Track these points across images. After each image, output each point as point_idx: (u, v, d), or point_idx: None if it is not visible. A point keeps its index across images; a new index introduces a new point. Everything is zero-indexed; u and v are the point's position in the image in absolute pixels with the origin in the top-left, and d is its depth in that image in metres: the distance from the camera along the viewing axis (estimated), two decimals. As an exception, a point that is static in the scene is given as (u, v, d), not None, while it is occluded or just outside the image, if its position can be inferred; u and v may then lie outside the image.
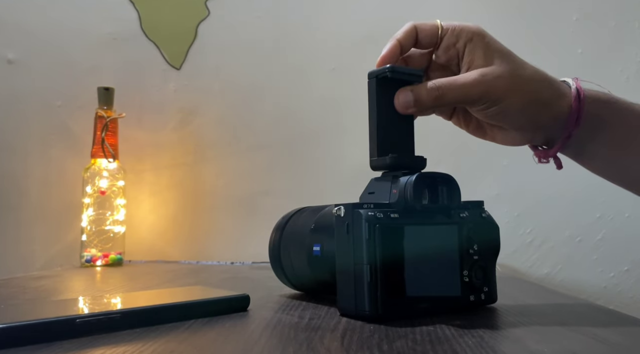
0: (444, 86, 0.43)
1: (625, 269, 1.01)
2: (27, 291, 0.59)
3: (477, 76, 0.44)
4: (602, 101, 0.47)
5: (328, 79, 1.07)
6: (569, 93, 0.46)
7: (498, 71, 0.44)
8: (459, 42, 0.46)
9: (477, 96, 0.44)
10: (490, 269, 0.44)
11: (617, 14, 1.05)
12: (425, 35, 0.47)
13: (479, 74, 0.44)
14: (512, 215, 1.02)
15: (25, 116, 1.07)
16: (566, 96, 0.46)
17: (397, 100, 0.44)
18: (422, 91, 0.43)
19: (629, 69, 1.04)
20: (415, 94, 0.43)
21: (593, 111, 0.46)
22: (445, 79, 0.44)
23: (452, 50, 0.47)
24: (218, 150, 1.07)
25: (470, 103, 0.45)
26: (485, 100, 0.44)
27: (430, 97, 0.43)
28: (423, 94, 0.43)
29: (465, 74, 0.45)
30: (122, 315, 0.36)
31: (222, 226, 1.06)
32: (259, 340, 0.34)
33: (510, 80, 0.44)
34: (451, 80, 0.44)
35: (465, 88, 0.44)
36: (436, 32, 0.47)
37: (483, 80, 0.43)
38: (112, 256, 0.92)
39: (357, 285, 0.38)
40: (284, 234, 0.52)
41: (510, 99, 0.44)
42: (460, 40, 0.46)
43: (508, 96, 0.44)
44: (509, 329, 0.36)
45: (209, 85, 1.08)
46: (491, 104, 0.44)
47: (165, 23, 1.09)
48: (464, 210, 0.43)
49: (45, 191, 1.06)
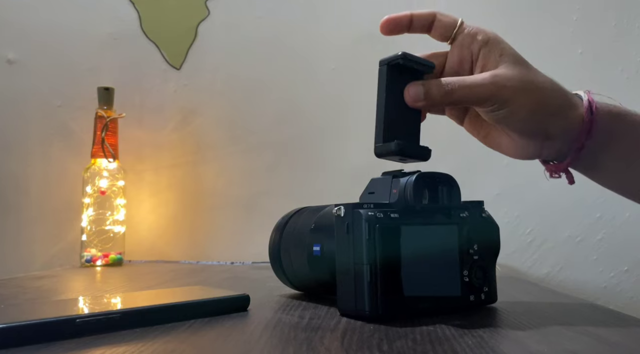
0: (454, 83, 0.44)
1: (625, 269, 1.01)
2: (27, 291, 0.59)
3: (488, 76, 0.44)
4: (614, 113, 0.46)
5: (328, 78, 1.07)
6: (581, 105, 0.46)
7: (510, 74, 0.44)
8: (474, 44, 0.46)
9: (486, 96, 0.43)
10: (490, 269, 0.44)
11: (617, 14, 1.05)
12: (441, 25, 0.47)
13: (490, 74, 0.44)
14: (512, 215, 1.02)
15: (25, 116, 1.07)
16: (578, 107, 0.46)
17: (408, 93, 0.44)
18: (432, 86, 0.43)
19: (629, 69, 1.04)
20: (426, 87, 0.43)
21: (605, 124, 0.45)
22: (457, 78, 0.45)
23: (466, 51, 0.47)
24: (218, 150, 1.07)
25: (479, 103, 0.45)
26: (494, 100, 0.44)
27: (440, 92, 0.43)
28: (434, 88, 0.43)
29: (477, 74, 0.45)
30: (122, 315, 0.36)
31: (222, 226, 1.06)
32: (259, 340, 0.34)
33: (521, 83, 0.44)
34: (462, 78, 0.44)
35: (475, 87, 0.44)
36: (452, 27, 0.47)
37: (494, 81, 0.44)
38: (112, 256, 0.92)
39: (357, 285, 0.38)
40: (284, 234, 0.52)
41: (520, 102, 0.44)
42: (475, 43, 0.46)
43: (517, 98, 0.44)
44: (509, 329, 0.36)
45: (209, 85, 1.08)
46: (500, 105, 0.44)
47: (165, 23, 1.09)
48: (464, 210, 0.43)
49: (45, 191, 1.06)
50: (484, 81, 0.43)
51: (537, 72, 0.46)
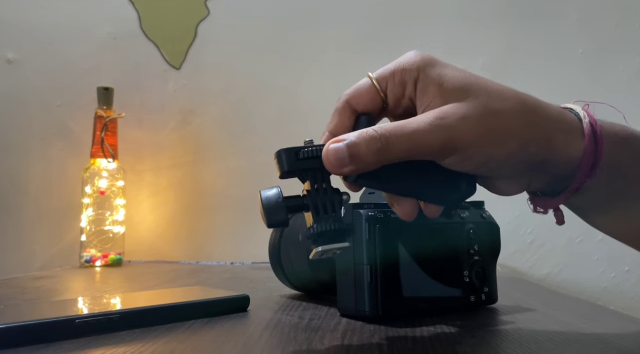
0: (389, 134, 0.31)
1: (626, 269, 1.00)
2: (27, 292, 0.59)
3: (433, 119, 0.32)
4: (621, 137, 0.35)
5: (328, 78, 1.07)
6: (579, 128, 0.34)
7: (462, 110, 0.32)
8: (408, 88, 0.35)
9: (436, 147, 0.32)
10: (491, 270, 0.44)
11: (618, 14, 1.05)
12: (364, 105, 0.36)
13: (435, 116, 0.32)
14: (513, 215, 1.02)
15: (24, 115, 1.07)
16: (574, 131, 0.34)
17: (327, 158, 0.32)
18: (360, 143, 0.32)
19: (630, 69, 1.04)
20: (350, 147, 0.32)
21: (610, 153, 0.34)
22: (392, 125, 0.32)
23: (405, 102, 0.35)
24: (218, 150, 1.07)
25: (431, 155, 0.33)
26: (449, 150, 0.32)
27: (371, 150, 0.31)
28: (362, 147, 0.31)
29: (418, 116, 0.33)
30: (121, 315, 0.36)
31: (222, 226, 1.06)
32: (259, 340, 0.34)
33: (482, 120, 0.32)
34: (399, 125, 0.32)
35: (418, 136, 0.31)
36: (375, 93, 0.35)
37: (441, 125, 0.31)
38: (111, 256, 0.92)
39: (357, 285, 0.38)
40: (284, 234, 0.52)
41: (487, 146, 0.32)
42: (408, 85, 0.34)
43: (482, 142, 0.32)
44: (509, 330, 0.36)
45: (209, 85, 1.08)
46: (461, 155, 0.32)
47: (165, 23, 1.09)
48: (464, 210, 0.43)
49: (45, 191, 1.05)
50: (427, 127, 0.31)
51: (501, 92, 0.33)
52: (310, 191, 0.33)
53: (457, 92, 0.33)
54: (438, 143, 0.32)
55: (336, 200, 0.33)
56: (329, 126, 0.37)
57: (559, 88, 1.00)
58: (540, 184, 0.36)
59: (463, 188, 0.35)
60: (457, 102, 0.32)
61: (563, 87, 1.01)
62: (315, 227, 0.32)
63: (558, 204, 0.37)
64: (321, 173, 0.33)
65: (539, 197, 0.38)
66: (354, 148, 0.32)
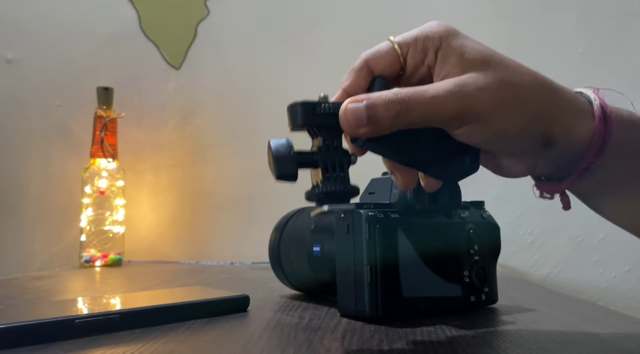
0: (409, 99, 0.31)
1: (627, 269, 1.00)
2: (27, 292, 0.59)
3: (452, 86, 0.32)
4: (627, 121, 0.35)
5: (329, 78, 1.07)
6: (589, 110, 0.34)
7: (481, 81, 0.32)
8: (429, 56, 0.35)
9: (452, 114, 0.32)
10: (491, 270, 0.44)
11: (618, 14, 1.05)
12: (382, 68, 0.36)
13: (454, 83, 0.32)
14: (513, 215, 1.02)
15: (24, 115, 1.07)
16: (585, 113, 0.34)
17: (344, 117, 0.32)
18: (379, 105, 0.32)
19: (630, 69, 1.04)
20: (369, 108, 0.32)
21: (618, 136, 0.34)
22: (411, 89, 0.32)
23: (422, 69, 0.35)
24: (218, 150, 1.07)
25: (445, 123, 0.33)
26: (464, 119, 0.32)
27: (390, 113, 0.31)
28: (380, 108, 0.31)
29: (437, 83, 0.33)
30: (121, 316, 0.36)
31: (222, 226, 1.06)
32: (259, 341, 0.33)
33: (499, 92, 0.32)
34: (419, 90, 0.32)
35: (436, 101, 0.32)
36: (396, 58, 0.35)
37: (460, 92, 0.32)
38: (111, 256, 0.92)
39: (357, 285, 0.38)
40: (284, 234, 0.52)
41: (501, 118, 0.32)
42: (429, 53, 0.35)
43: (497, 113, 0.32)
44: (509, 330, 0.36)
45: (208, 85, 1.08)
46: (474, 125, 0.32)
47: (165, 22, 1.09)
48: (464, 210, 0.43)
49: (45, 191, 1.05)
50: (447, 93, 0.32)
51: (518, 68, 0.34)
52: (321, 148, 0.33)
53: (477, 63, 0.33)
54: (454, 110, 0.32)
55: (345, 160, 0.33)
56: (344, 84, 0.37)
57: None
58: (547, 168, 0.37)
59: (467, 164, 0.36)
60: (476, 72, 0.33)
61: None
62: (322, 186, 0.32)
63: (564, 188, 0.37)
64: (335, 131, 0.33)
65: (544, 182, 0.39)
66: (372, 110, 0.32)
